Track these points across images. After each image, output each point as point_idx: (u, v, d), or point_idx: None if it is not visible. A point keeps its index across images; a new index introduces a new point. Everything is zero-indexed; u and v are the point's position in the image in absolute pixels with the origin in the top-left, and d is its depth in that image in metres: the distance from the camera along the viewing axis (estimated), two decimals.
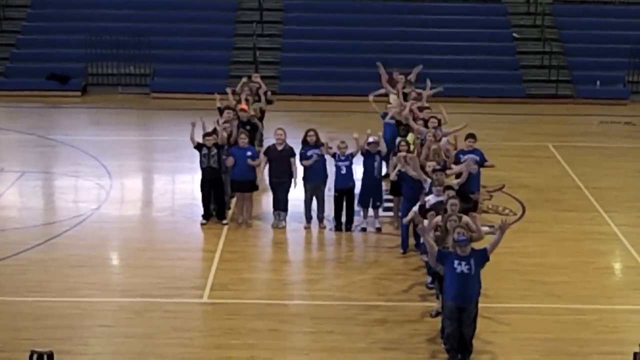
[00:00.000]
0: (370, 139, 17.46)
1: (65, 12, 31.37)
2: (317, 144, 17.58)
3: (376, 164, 17.50)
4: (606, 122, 26.57)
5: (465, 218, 13.87)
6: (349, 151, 17.55)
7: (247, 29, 30.57)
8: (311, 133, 17.65)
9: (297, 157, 17.61)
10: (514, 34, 31.02)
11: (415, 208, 15.10)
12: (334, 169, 17.68)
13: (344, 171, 17.46)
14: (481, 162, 17.36)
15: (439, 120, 18.57)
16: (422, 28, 30.97)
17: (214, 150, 17.51)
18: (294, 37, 30.79)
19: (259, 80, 21.80)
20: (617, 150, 23.65)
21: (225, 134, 17.90)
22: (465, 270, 12.43)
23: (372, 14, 31.17)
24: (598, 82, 29.22)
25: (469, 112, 26.80)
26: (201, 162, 17.64)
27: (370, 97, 20.71)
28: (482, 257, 12.57)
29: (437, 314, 13.81)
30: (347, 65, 29.64)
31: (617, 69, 29.63)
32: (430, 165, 16.07)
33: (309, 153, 17.50)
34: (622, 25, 30.99)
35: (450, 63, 29.61)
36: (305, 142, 17.64)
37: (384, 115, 20.13)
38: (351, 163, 17.52)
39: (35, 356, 11.18)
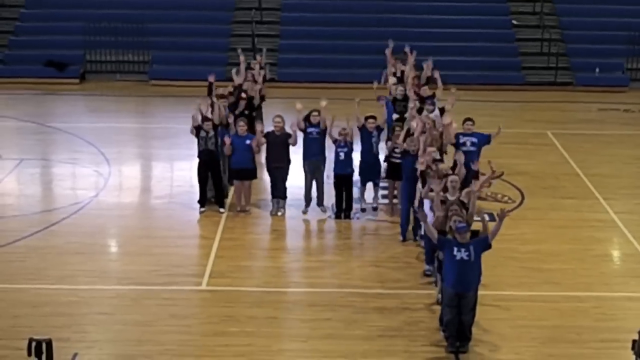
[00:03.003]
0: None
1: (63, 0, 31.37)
2: (319, 124, 17.73)
3: (374, 140, 17.67)
4: (605, 110, 26.53)
5: (465, 190, 13.99)
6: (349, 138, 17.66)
7: (245, 16, 30.49)
8: (315, 113, 17.78)
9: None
10: (513, 21, 30.94)
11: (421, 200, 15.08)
12: (332, 155, 17.69)
13: (342, 157, 17.50)
14: (483, 141, 17.34)
15: (442, 109, 18.62)
16: (421, 15, 30.85)
17: (212, 133, 17.59)
18: (293, 24, 30.70)
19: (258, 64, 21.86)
20: (616, 138, 23.62)
21: (222, 111, 18.04)
22: (465, 257, 12.42)
23: (370, 1, 31.08)
24: (597, 70, 29.16)
25: (468, 99, 26.74)
26: (199, 144, 17.67)
27: (375, 85, 20.69)
28: (482, 243, 12.57)
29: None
30: (345, 53, 29.57)
31: (616, 56, 29.57)
32: (430, 151, 15.99)
33: (309, 130, 17.66)
34: (621, 12, 30.91)
35: (449, 50, 29.51)
36: (307, 120, 17.81)
37: (380, 98, 20.23)
38: (350, 150, 17.55)
39: (33, 344, 11.16)
